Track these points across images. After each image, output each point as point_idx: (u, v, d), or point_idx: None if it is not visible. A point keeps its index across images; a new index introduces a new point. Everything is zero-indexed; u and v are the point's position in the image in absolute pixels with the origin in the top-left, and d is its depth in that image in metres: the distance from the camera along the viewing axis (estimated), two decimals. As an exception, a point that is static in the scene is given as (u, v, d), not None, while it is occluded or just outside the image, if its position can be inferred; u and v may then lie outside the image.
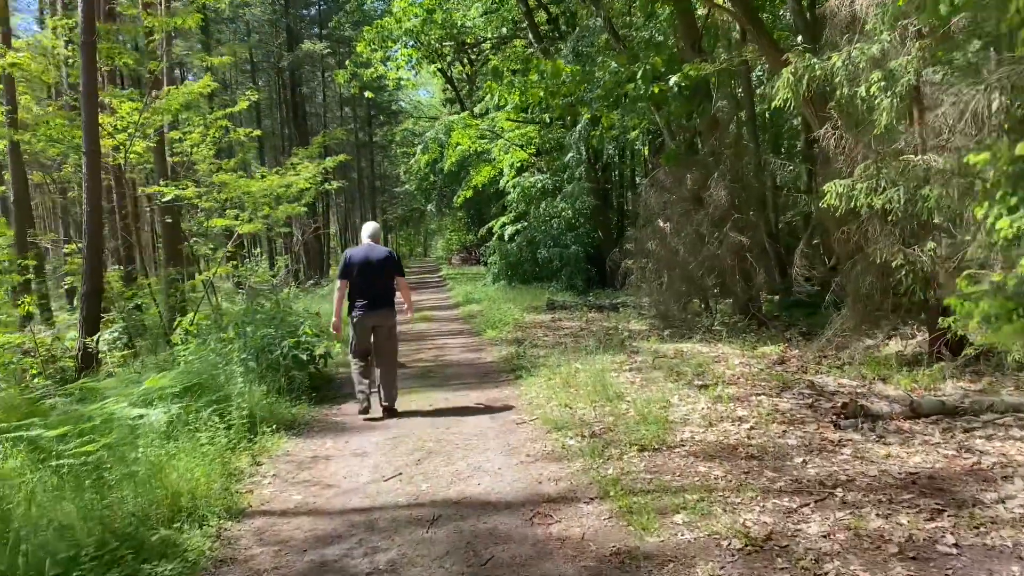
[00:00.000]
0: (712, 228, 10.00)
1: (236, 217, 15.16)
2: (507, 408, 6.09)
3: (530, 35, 17.84)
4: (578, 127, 15.70)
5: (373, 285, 5.87)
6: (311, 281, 21.71)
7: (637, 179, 26.16)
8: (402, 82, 25.19)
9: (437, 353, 9.48)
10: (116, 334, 7.05)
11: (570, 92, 10.82)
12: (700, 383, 6.32)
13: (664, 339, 9.08)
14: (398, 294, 6.07)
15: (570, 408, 5.73)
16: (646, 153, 22.51)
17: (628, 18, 15.07)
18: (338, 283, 5.98)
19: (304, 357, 6.59)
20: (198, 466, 4.21)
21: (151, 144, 9.63)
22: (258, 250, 18.07)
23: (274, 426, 5.53)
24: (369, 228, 6.19)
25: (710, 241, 9.97)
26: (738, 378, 6.54)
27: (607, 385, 6.13)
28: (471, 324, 12.38)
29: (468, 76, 34.34)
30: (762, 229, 10.75)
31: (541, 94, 10.74)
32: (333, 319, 6.13)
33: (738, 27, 10.90)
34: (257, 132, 12.74)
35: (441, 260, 50.65)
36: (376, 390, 5.98)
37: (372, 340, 5.96)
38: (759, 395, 5.87)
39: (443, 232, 56.27)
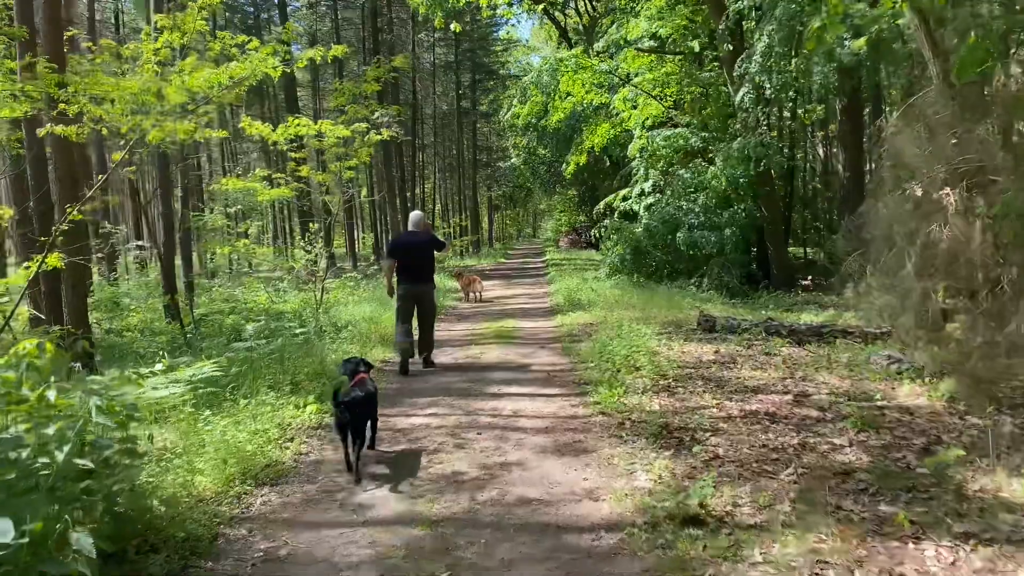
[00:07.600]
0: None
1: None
2: None
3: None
4: (759, 45, 9.94)
5: (415, 263, 7.07)
6: (376, 267, 17.34)
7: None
8: (502, 16, 20.25)
9: (491, 460, 4.34)
10: None
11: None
12: None
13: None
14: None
15: None
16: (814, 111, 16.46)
17: None
18: (386, 262, 7.47)
19: None
20: None
21: None
22: (315, 225, 13.54)
23: None
24: (413, 217, 7.52)
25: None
26: None
27: None
28: (571, 359, 7.17)
29: (585, 28, 28.92)
30: None
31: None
32: (386, 286, 7.57)
33: None
34: (255, 42, 8.07)
35: (549, 243, 45.51)
36: (417, 348, 7.18)
37: (415, 308, 7.14)
38: None
39: (552, 213, 51.18)
